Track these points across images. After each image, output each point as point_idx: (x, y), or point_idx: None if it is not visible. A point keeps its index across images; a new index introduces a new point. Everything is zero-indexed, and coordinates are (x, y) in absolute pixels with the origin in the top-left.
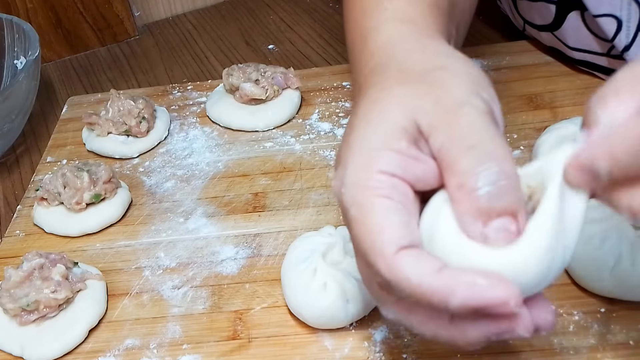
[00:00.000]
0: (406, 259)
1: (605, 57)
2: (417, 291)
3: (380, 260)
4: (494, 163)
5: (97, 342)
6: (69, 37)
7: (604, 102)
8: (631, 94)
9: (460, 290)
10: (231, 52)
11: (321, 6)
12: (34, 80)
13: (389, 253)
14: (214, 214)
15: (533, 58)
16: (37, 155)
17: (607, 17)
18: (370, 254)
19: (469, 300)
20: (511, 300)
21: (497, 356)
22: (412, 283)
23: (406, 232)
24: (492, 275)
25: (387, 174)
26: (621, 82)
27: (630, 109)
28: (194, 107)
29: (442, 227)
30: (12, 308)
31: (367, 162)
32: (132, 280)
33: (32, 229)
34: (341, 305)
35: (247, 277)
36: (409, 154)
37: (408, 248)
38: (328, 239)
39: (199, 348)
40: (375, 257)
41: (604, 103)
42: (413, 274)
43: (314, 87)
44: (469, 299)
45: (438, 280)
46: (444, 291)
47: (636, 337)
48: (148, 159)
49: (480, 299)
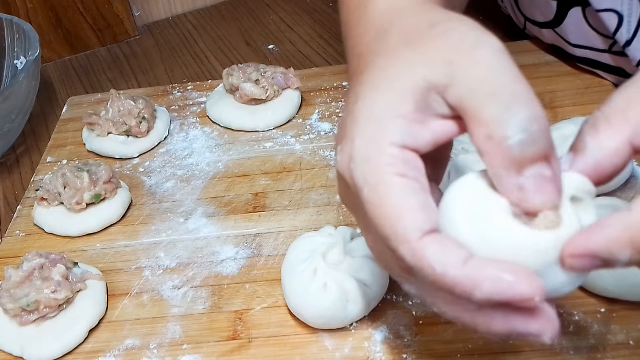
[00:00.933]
0: (431, 246)
1: (607, 53)
2: (441, 280)
3: (404, 246)
4: (521, 107)
5: (97, 342)
6: (69, 37)
7: (594, 130)
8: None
9: (485, 284)
10: (231, 52)
11: (321, 6)
12: (34, 80)
13: (413, 239)
14: (214, 214)
15: (533, 58)
16: (37, 155)
17: (608, 12)
18: (392, 239)
19: (493, 295)
20: (535, 295)
21: (496, 356)
22: (436, 272)
23: (426, 215)
24: (518, 269)
25: (398, 146)
26: (613, 108)
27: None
28: (194, 107)
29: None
30: (12, 308)
31: (376, 134)
32: (132, 280)
33: (32, 229)
34: (341, 305)
35: (247, 277)
36: (416, 118)
37: (431, 233)
38: (328, 239)
39: (199, 348)
40: (398, 243)
41: (594, 130)
42: (438, 263)
43: (314, 87)
44: (493, 293)
45: (463, 272)
46: (468, 283)
47: (636, 337)
48: (148, 159)
49: (505, 294)
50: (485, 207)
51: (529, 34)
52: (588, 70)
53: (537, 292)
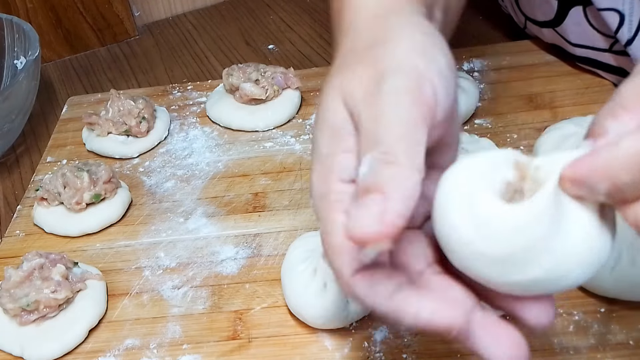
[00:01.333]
0: (361, 283)
1: (608, 53)
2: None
3: (340, 280)
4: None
5: (97, 342)
6: (69, 37)
7: (613, 114)
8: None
9: (407, 317)
10: (231, 52)
11: (321, 6)
12: (34, 80)
13: (346, 275)
14: (214, 214)
15: (533, 58)
16: (37, 155)
17: (610, 11)
18: (334, 272)
19: (416, 326)
20: (454, 327)
21: None
22: (367, 304)
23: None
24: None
25: (345, 181)
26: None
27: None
28: (194, 107)
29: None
30: (12, 308)
31: (325, 171)
32: (132, 280)
33: (32, 229)
34: (341, 305)
35: (247, 277)
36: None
37: (364, 270)
38: None
39: (199, 348)
40: (337, 277)
41: (613, 115)
42: (367, 298)
43: (314, 87)
44: (415, 325)
45: (389, 306)
46: (394, 315)
47: (636, 337)
48: (148, 159)
49: (426, 326)
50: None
51: (529, 33)
52: (588, 70)
53: (455, 323)
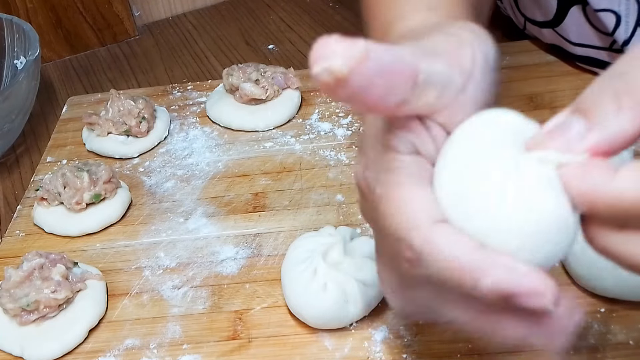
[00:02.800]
0: (445, 231)
1: (608, 51)
2: (450, 266)
3: (415, 232)
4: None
5: (97, 342)
6: (69, 37)
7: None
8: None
9: (497, 270)
10: (231, 52)
11: (321, 6)
12: (34, 80)
13: (425, 224)
14: (214, 214)
15: (533, 58)
16: (37, 155)
17: (606, 12)
18: (403, 227)
19: (502, 283)
20: (548, 293)
21: (497, 356)
22: (447, 256)
23: (438, 207)
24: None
25: (405, 153)
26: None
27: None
28: (194, 107)
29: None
30: (12, 308)
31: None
32: (132, 280)
33: (32, 229)
34: (341, 305)
35: (247, 277)
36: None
37: (443, 223)
38: (328, 239)
39: (199, 348)
40: (409, 230)
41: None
42: (451, 247)
43: (314, 87)
44: (503, 280)
45: (475, 256)
46: (479, 268)
47: (636, 337)
48: (148, 159)
49: (515, 284)
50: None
51: (529, 34)
52: (588, 70)
53: (550, 291)
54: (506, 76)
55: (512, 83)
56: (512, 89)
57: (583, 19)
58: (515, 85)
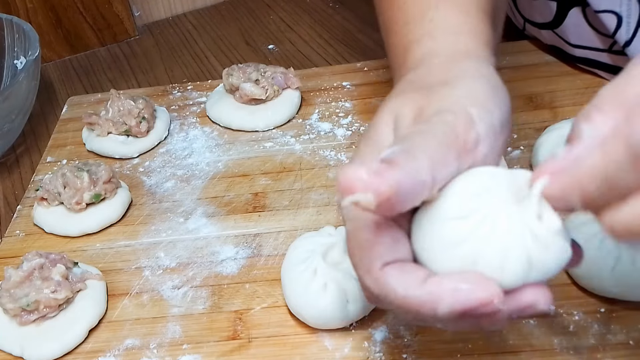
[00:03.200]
0: (391, 272)
1: (607, 53)
2: (404, 303)
3: (367, 275)
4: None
5: (97, 342)
6: (69, 37)
7: (587, 117)
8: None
9: (445, 297)
10: (231, 52)
11: (321, 6)
12: (34, 80)
13: (375, 269)
14: (214, 214)
15: (533, 58)
16: (37, 155)
17: (607, 13)
18: (359, 268)
19: (455, 306)
20: (494, 298)
21: (496, 356)
22: (398, 295)
23: (395, 247)
24: (472, 277)
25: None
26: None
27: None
28: (194, 107)
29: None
30: (12, 308)
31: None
32: (132, 280)
33: (32, 229)
34: (341, 305)
35: (247, 277)
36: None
37: (393, 262)
38: (328, 239)
39: (199, 348)
40: (363, 272)
41: (587, 118)
42: (399, 287)
43: (314, 87)
44: (454, 304)
45: (423, 290)
46: (430, 300)
47: (636, 337)
48: (148, 159)
49: (466, 303)
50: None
51: (528, 35)
52: (588, 70)
53: (494, 294)
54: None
55: (512, 83)
56: (512, 89)
57: (583, 20)
58: (515, 86)
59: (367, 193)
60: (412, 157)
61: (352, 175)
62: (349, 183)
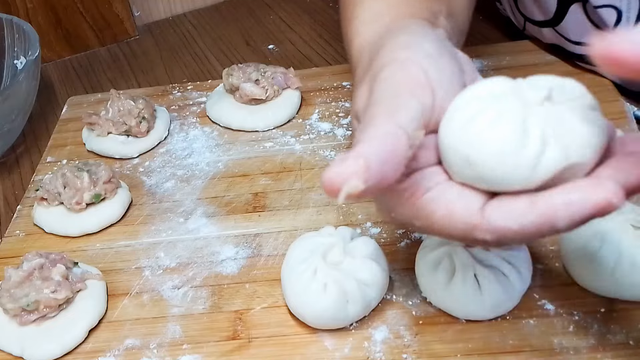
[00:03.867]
0: (495, 214)
1: None
2: (523, 234)
3: (477, 232)
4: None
5: (97, 342)
6: (69, 37)
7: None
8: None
9: (561, 213)
10: (231, 52)
11: (321, 6)
12: (34, 80)
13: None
14: (214, 214)
15: (533, 58)
16: (37, 155)
17: (607, 8)
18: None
19: (574, 218)
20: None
21: (497, 356)
22: (515, 230)
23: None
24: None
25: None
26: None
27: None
28: (194, 107)
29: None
30: (12, 308)
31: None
32: (132, 280)
33: (32, 229)
34: (341, 305)
35: (247, 277)
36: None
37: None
38: (328, 240)
39: (199, 348)
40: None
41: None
42: (512, 222)
43: (314, 87)
44: (573, 216)
45: (536, 215)
46: (547, 222)
47: (636, 337)
48: (148, 159)
49: (583, 212)
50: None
51: (529, 34)
52: (588, 70)
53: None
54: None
55: None
56: None
57: (584, 16)
58: None
59: (351, 180)
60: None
61: (329, 175)
62: (330, 183)
